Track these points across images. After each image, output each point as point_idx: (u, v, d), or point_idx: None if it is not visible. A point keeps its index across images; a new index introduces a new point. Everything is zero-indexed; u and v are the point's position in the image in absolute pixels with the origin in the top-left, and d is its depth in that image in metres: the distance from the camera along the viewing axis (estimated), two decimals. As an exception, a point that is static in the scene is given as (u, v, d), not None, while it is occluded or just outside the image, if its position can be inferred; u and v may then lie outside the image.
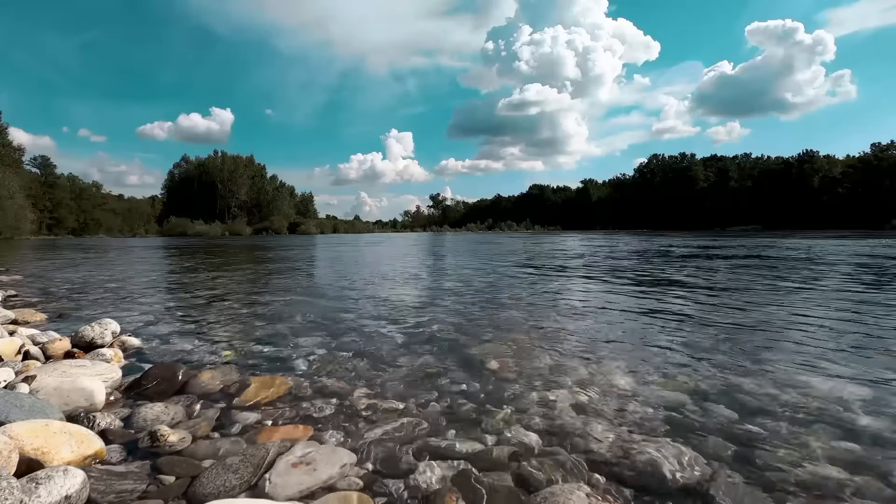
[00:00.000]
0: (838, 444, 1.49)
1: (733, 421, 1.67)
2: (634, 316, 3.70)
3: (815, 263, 8.11)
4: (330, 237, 45.36)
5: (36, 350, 2.40)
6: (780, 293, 4.74)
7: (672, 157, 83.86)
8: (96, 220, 62.74)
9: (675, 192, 77.09)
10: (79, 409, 1.71)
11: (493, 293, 5.01)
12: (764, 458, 1.41)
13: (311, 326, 3.33)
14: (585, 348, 2.69)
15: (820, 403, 1.81)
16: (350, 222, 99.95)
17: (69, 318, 3.66)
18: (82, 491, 1.15)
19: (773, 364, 2.33)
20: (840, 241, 16.68)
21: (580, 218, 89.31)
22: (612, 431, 1.59)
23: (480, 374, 2.23)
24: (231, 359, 2.50)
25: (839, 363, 2.34)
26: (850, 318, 3.44)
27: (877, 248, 12.26)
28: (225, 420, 1.71)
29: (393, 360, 2.45)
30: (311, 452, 1.40)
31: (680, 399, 1.88)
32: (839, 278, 5.90)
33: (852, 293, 4.66)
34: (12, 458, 1.17)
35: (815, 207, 60.36)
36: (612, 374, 2.21)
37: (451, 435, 1.58)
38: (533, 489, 1.26)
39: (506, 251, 14.06)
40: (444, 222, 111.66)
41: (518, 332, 3.10)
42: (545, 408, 1.81)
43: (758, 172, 71.17)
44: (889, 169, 56.12)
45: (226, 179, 78.08)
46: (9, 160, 49.91)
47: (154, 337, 3.01)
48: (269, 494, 1.21)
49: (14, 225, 43.55)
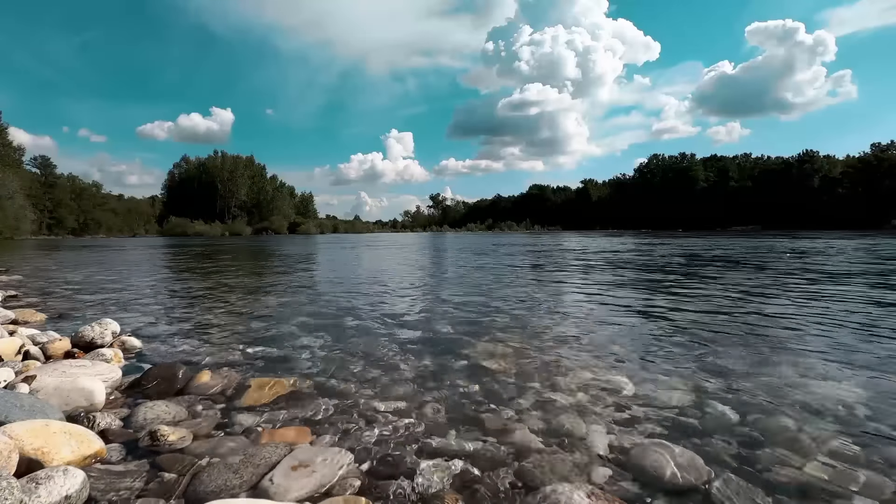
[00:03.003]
0: (839, 445, 1.48)
1: (733, 421, 1.67)
2: (635, 316, 3.70)
3: (815, 263, 8.10)
4: (330, 237, 45.36)
5: (36, 350, 2.40)
6: (780, 293, 4.74)
7: (672, 157, 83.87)
8: (96, 220, 62.73)
9: (675, 193, 77.04)
10: (79, 409, 1.71)
11: (493, 293, 5.01)
12: (764, 459, 1.40)
13: (311, 327, 3.33)
14: (585, 348, 2.69)
15: (821, 404, 1.81)
16: (350, 222, 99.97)
17: (69, 319, 3.66)
18: (82, 491, 1.15)
19: (773, 364, 2.33)
20: (840, 241, 16.68)
21: (580, 218, 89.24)
22: (612, 431, 1.59)
23: (480, 374, 2.23)
24: (231, 359, 2.50)
25: (840, 363, 2.33)
26: (851, 318, 3.43)
27: (877, 248, 12.26)
28: (225, 420, 1.71)
29: (393, 361, 2.45)
30: (311, 453, 1.40)
31: (680, 399, 1.88)
32: (839, 278, 5.89)
33: (852, 293, 4.66)
34: (12, 458, 1.17)
35: (815, 207, 60.33)
36: (612, 374, 2.21)
37: (451, 435, 1.58)
38: (533, 489, 1.26)
39: (506, 251, 14.06)
40: (444, 222, 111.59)
41: (518, 333, 3.10)
42: (545, 408, 1.81)
43: (758, 172, 71.13)
44: (889, 169, 56.08)
45: (226, 179, 78.10)
46: (9, 160, 49.94)
47: (154, 337, 3.01)
48: (269, 495, 1.21)
49: (14, 225, 43.57)
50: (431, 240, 30.90)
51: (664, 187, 79.44)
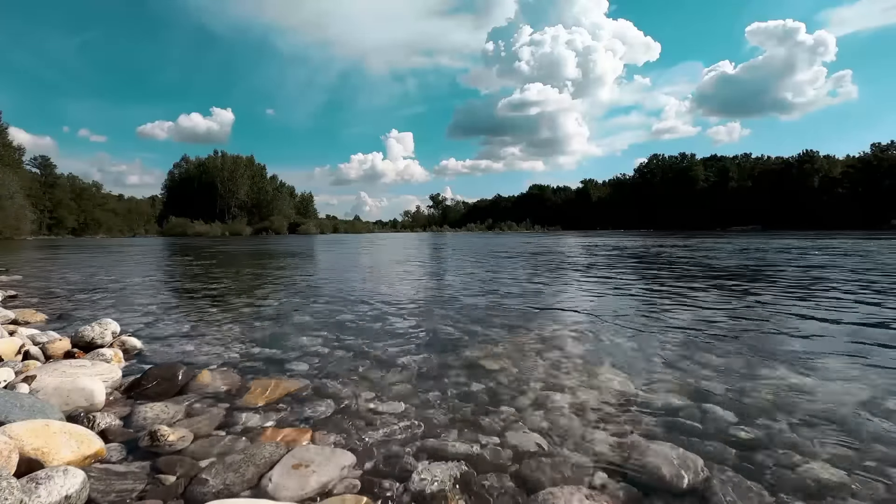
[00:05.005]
0: (839, 445, 1.48)
1: (733, 422, 1.67)
2: (635, 316, 3.70)
3: (815, 263, 8.10)
4: (330, 237, 45.36)
5: (36, 350, 2.39)
6: (780, 293, 4.74)
7: (672, 157, 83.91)
8: (96, 220, 62.77)
9: (675, 193, 77.07)
10: (79, 409, 1.71)
11: (493, 293, 5.01)
12: (764, 460, 1.40)
13: (312, 327, 3.33)
14: (586, 349, 2.69)
15: (821, 404, 1.81)
16: (350, 222, 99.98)
17: (69, 319, 3.65)
18: (82, 491, 1.15)
19: (774, 364, 2.33)
20: (840, 241, 16.68)
21: (580, 218, 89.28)
22: (613, 432, 1.59)
23: (480, 374, 2.23)
24: (231, 360, 2.50)
25: (840, 363, 2.33)
26: (851, 318, 3.43)
27: (877, 247, 12.26)
28: (225, 421, 1.70)
29: (393, 361, 2.45)
30: (311, 453, 1.40)
31: (680, 400, 1.88)
32: (839, 278, 5.89)
33: (852, 293, 4.66)
34: (12, 458, 1.17)
35: (815, 207, 60.34)
36: (613, 374, 2.21)
37: (451, 436, 1.58)
38: (533, 490, 1.26)
39: (506, 251, 14.06)
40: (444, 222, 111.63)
41: (518, 333, 3.10)
42: (545, 409, 1.80)
43: (758, 172, 71.12)
44: (889, 169, 56.09)
45: (226, 179, 78.03)
46: (9, 160, 49.94)
47: (154, 337, 3.01)
48: (269, 495, 1.21)
49: (14, 225, 43.56)
50: (431, 240, 30.90)
51: (664, 187, 79.49)
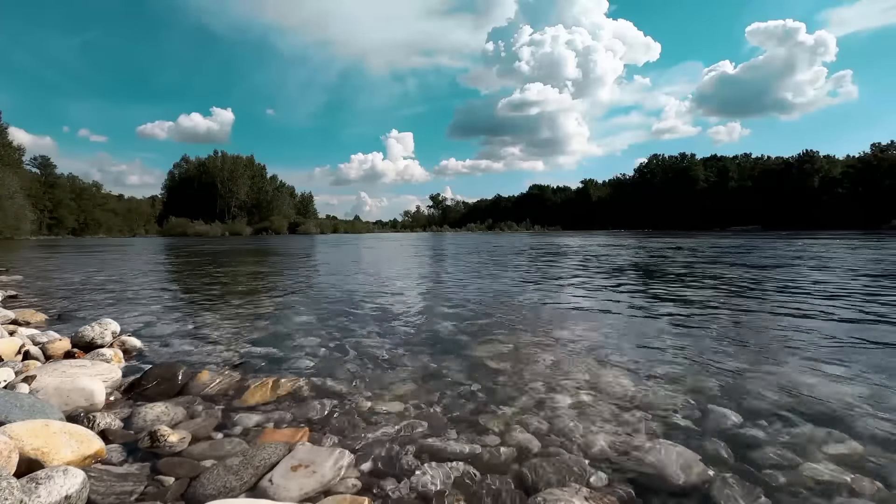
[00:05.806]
0: (839, 445, 1.48)
1: (733, 422, 1.67)
2: (635, 317, 3.70)
3: (815, 264, 8.10)
4: (330, 237, 45.35)
5: (36, 350, 2.39)
6: (780, 293, 4.74)
7: (672, 157, 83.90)
8: (96, 220, 62.77)
9: (675, 192, 77.05)
10: (79, 409, 1.71)
11: (493, 293, 5.01)
12: (764, 460, 1.40)
13: (311, 327, 3.33)
14: (586, 349, 2.69)
15: (822, 404, 1.81)
16: (350, 222, 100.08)
17: (69, 319, 3.66)
18: (82, 491, 1.14)
19: (773, 365, 2.33)
20: (841, 241, 16.68)
21: (580, 218, 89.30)
22: (613, 432, 1.59)
23: (480, 374, 2.23)
24: (231, 360, 2.50)
25: (840, 363, 2.33)
26: (851, 318, 3.43)
27: (877, 247, 12.26)
28: (225, 421, 1.70)
29: (393, 361, 2.45)
30: (311, 453, 1.40)
31: (680, 400, 1.88)
32: (839, 278, 5.89)
33: (852, 293, 4.66)
34: (12, 458, 1.17)
35: (815, 207, 60.35)
36: (613, 374, 2.21)
37: (451, 436, 1.58)
38: (533, 490, 1.26)
39: (505, 251, 14.06)
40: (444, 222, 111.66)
41: (518, 333, 3.10)
42: (545, 408, 1.80)
43: (758, 172, 71.15)
44: (889, 169, 56.08)
45: (226, 179, 78.05)
46: (9, 160, 49.94)
47: (154, 337, 3.00)
48: (269, 495, 1.21)
49: (14, 225, 43.57)
50: (431, 240, 30.89)
51: (664, 187, 79.47)
